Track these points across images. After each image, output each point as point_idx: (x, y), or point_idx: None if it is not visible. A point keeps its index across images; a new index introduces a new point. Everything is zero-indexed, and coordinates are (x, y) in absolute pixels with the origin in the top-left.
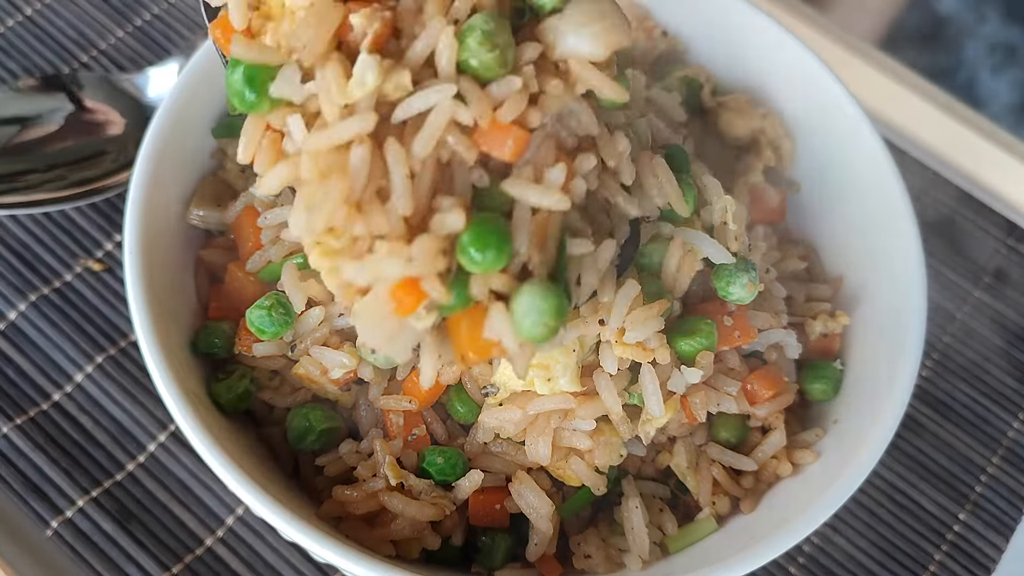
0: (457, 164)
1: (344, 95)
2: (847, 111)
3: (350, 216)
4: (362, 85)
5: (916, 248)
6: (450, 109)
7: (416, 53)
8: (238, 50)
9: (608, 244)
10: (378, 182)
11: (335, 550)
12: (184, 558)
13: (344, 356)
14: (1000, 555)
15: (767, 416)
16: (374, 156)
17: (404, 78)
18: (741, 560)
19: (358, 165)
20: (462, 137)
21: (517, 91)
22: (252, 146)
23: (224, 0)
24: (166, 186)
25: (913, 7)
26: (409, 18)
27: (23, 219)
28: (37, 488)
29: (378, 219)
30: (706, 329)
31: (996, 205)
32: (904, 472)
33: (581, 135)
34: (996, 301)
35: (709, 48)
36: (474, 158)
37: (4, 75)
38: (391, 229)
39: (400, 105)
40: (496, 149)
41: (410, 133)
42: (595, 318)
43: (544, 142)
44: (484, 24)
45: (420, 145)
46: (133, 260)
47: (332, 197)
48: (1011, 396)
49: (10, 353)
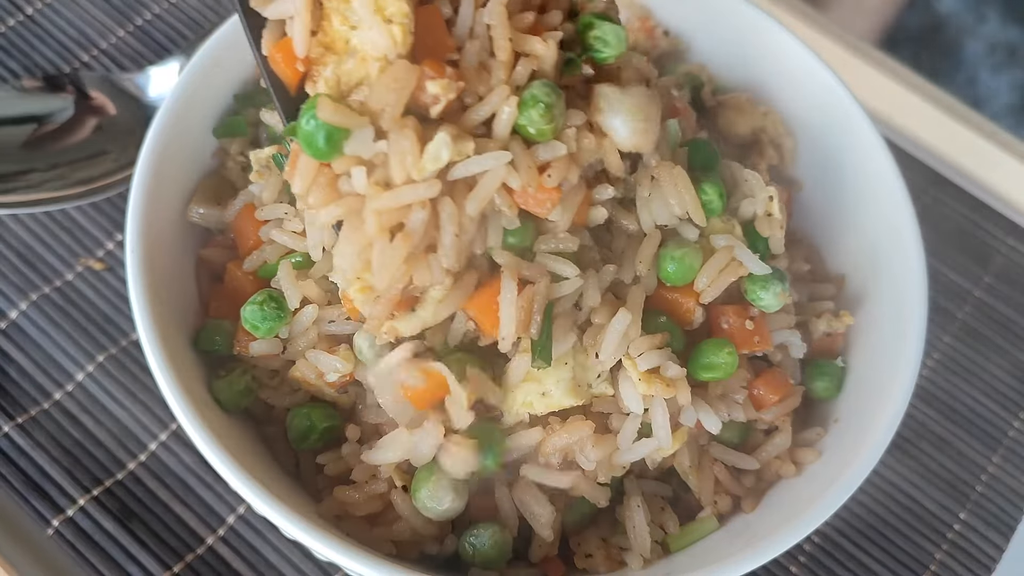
0: (492, 213)
1: (417, 168)
2: (848, 110)
3: (403, 271)
4: (436, 160)
5: (916, 248)
6: (504, 175)
7: (479, 116)
8: (325, 113)
9: (606, 272)
10: (428, 237)
11: (337, 548)
12: (185, 557)
13: (338, 361)
14: (1000, 555)
15: (774, 419)
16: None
17: (468, 148)
18: (742, 559)
19: (417, 226)
20: (506, 196)
21: (564, 157)
22: (307, 182)
23: (280, 14)
24: (167, 185)
25: (913, 7)
26: (471, 75)
27: (24, 218)
28: (38, 487)
29: (427, 274)
30: (728, 361)
31: (996, 205)
32: (905, 472)
33: (600, 170)
34: (996, 301)
35: (710, 47)
36: (515, 214)
37: (5, 75)
38: (437, 281)
39: (458, 166)
40: (537, 208)
41: (460, 192)
42: (595, 348)
43: (574, 189)
44: (546, 97)
45: (473, 206)
46: (134, 259)
47: (396, 256)
48: (1011, 396)
49: (11, 352)
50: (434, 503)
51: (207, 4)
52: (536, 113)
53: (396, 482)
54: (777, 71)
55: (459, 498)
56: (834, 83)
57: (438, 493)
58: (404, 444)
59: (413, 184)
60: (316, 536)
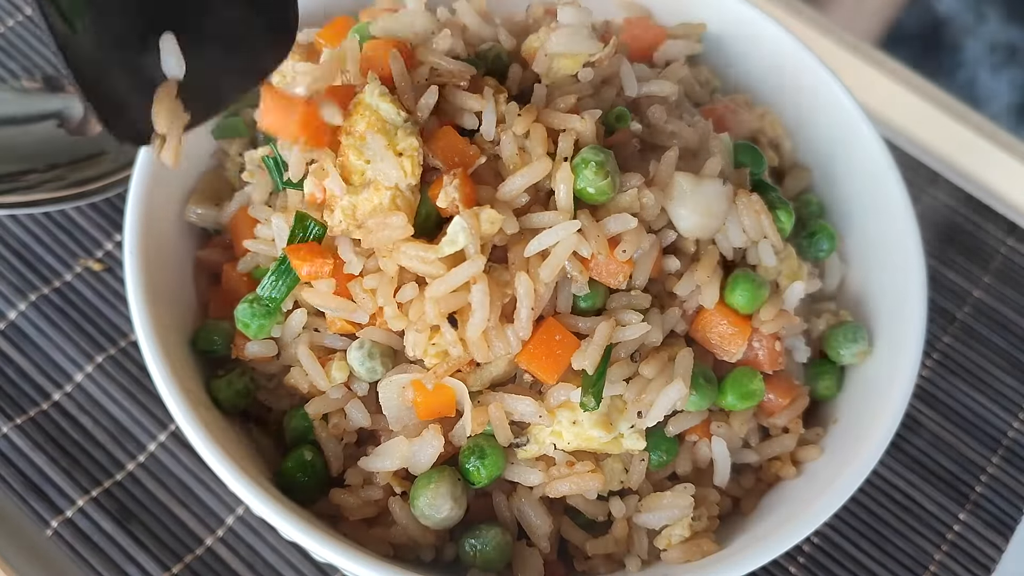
0: (563, 280)
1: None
2: (847, 111)
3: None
4: (452, 244)
5: (916, 248)
6: (574, 244)
7: (514, 188)
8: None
9: (671, 316)
10: (498, 309)
11: (335, 550)
12: (184, 558)
13: (335, 371)
14: (1000, 555)
15: (786, 423)
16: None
17: (512, 226)
18: (741, 560)
19: (480, 299)
20: (577, 263)
21: (635, 229)
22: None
23: (301, 176)
24: (166, 186)
25: (913, 7)
26: (511, 153)
27: (23, 219)
28: (37, 488)
29: (504, 345)
30: (759, 389)
31: (996, 205)
32: (904, 472)
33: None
34: (996, 301)
35: (708, 48)
36: (586, 279)
37: (4, 75)
38: (514, 351)
39: (532, 243)
40: (610, 280)
41: (534, 265)
42: (637, 404)
43: (646, 253)
44: (595, 156)
45: (546, 273)
46: (133, 260)
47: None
48: (1011, 396)
49: (10, 353)
50: (432, 511)
51: None
52: (590, 172)
53: (395, 488)
54: (776, 72)
55: (458, 506)
56: (833, 83)
57: (437, 501)
58: (402, 452)
59: (459, 266)
60: (314, 537)
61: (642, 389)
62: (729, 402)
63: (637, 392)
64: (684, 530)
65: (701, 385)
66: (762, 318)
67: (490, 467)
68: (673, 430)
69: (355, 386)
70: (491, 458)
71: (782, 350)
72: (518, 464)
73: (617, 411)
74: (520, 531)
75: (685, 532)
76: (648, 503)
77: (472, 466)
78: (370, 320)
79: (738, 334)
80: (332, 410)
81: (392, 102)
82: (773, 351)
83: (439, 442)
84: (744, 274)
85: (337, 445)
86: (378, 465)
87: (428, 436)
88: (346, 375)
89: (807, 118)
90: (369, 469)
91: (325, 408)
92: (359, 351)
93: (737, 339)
